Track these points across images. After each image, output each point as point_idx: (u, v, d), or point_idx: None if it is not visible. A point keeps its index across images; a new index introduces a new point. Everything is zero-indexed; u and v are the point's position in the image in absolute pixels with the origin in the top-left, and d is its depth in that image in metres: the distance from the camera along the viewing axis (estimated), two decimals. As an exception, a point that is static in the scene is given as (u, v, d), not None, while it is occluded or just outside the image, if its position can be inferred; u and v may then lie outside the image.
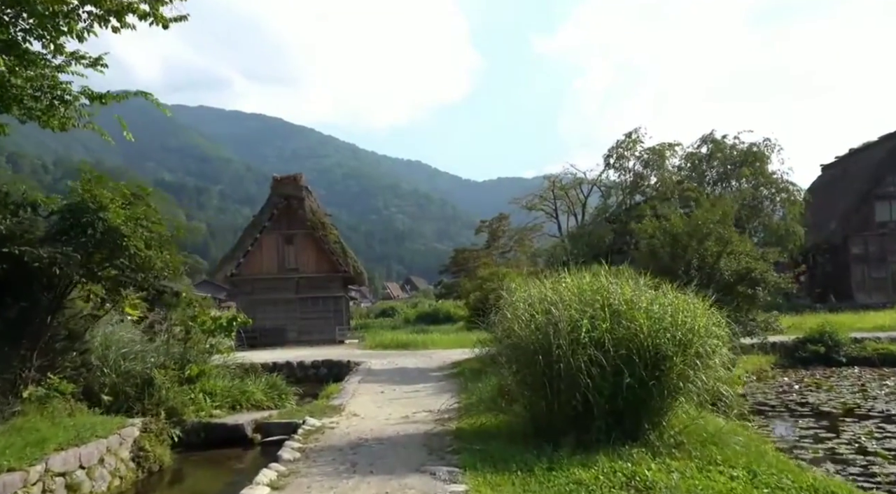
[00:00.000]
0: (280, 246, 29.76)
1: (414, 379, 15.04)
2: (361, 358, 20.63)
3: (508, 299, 8.66)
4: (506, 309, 8.55)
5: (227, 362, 12.24)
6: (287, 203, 29.38)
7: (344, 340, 29.85)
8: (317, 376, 20.07)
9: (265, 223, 29.38)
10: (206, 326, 11.49)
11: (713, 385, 7.02)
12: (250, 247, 29.19)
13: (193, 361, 10.87)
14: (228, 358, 11.99)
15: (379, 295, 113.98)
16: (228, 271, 28.97)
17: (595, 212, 38.11)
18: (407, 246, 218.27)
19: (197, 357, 11.02)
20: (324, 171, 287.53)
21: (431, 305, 58.42)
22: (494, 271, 17.05)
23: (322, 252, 29.55)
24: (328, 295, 29.87)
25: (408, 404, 11.20)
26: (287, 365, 20.06)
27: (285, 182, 29.53)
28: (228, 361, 12.34)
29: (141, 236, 7.70)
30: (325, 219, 30.31)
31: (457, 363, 17.79)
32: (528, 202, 42.93)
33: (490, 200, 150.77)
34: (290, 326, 29.48)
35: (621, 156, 36.25)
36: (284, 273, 29.69)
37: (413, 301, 73.70)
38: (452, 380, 14.42)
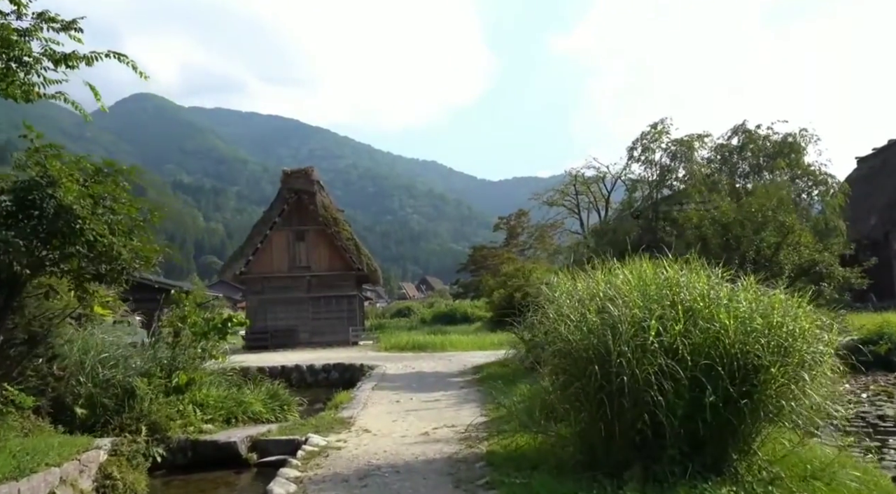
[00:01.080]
0: (291, 243, 28.47)
1: (433, 385, 13.60)
2: (375, 362, 19.25)
3: (550, 295, 7.16)
4: (547, 307, 7.04)
5: (225, 367, 10.85)
6: (298, 198, 28.08)
7: (358, 341, 28.51)
8: (327, 381, 18.72)
9: (275, 219, 28.10)
10: (197, 328, 10.14)
11: (821, 403, 5.49)
12: (260, 245, 27.93)
13: (182, 368, 9.51)
14: (224, 363, 10.61)
15: (395, 295, 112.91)
16: (237, 269, 27.74)
17: (619, 207, 36.47)
18: (422, 246, 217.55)
19: (187, 363, 9.67)
20: (339, 172, 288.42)
21: (448, 305, 57.03)
22: (520, 267, 15.53)
23: (335, 249, 28.23)
24: (341, 295, 28.54)
25: (427, 417, 9.76)
26: (296, 369, 18.75)
27: (296, 176, 28.23)
28: (227, 366, 10.96)
29: (102, 218, 6.31)
30: (338, 215, 28.99)
31: (479, 367, 16.36)
32: (548, 198, 41.40)
33: (506, 200, 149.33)
34: (302, 327, 28.19)
35: (647, 147, 34.58)
36: (295, 271, 28.40)
37: (429, 301, 72.32)
38: (476, 388, 12.97)
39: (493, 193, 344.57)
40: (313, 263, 28.55)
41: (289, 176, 28.39)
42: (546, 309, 7.13)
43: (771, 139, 33.92)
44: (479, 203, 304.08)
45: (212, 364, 10.31)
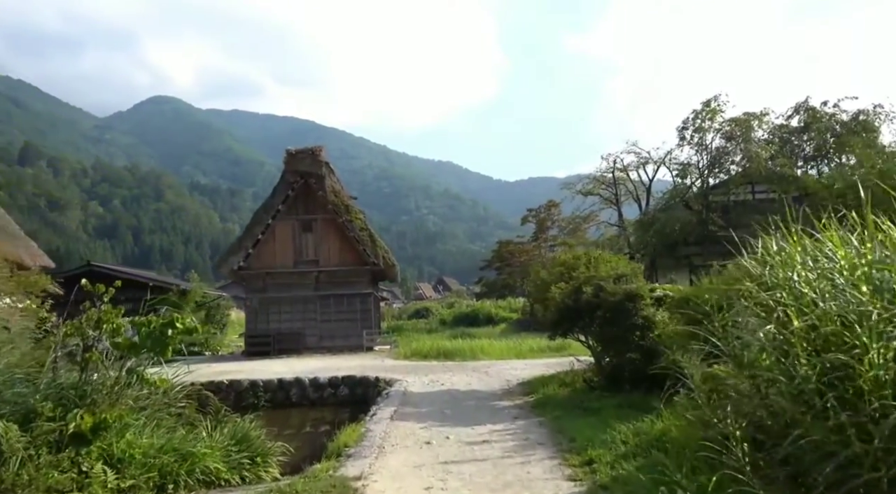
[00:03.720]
0: (296, 234, 24.91)
1: (473, 413, 9.95)
2: (395, 374, 15.63)
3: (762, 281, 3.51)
4: (750, 305, 3.39)
5: (171, 393, 7.27)
6: (304, 182, 24.50)
7: (373, 346, 24.92)
8: (335, 398, 15.14)
9: (278, 207, 24.53)
10: (120, 338, 6.56)
11: None
12: (261, 236, 24.38)
13: (92, 402, 5.94)
14: (166, 387, 6.98)
15: (411, 296, 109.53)
16: (235, 264, 24.19)
17: (666, 195, 32.63)
18: (438, 246, 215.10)
19: (101, 393, 6.09)
20: (355, 173, 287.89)
21: (470, 305, 53.28)
22: (581, 254, 11.82)
23: (346, 241, 24.65)
24: (354, 293, 24.94)
25: (479, 478, 6.13)
26: (296, 384, 15.18)
27: (301, 156, 24.65)
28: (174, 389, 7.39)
29: None
30: (350, 202, 25.39)
31: (528, 384, 12.67)
32: (583, 186, 37.60)
33: (522, 200, 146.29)
34: (309, 330, 24.61)
35: (699, 128, 30.73)
36: (302, 266, 24.83)
37: (448, 301, 68.68)
38: (535, 418, 9.30)
39: (509, 193, 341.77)
40: (322, 257, 24.97)
41: (293, 157, 24.80)
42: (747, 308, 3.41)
43: (837, 118, 29.89)
44: (495, 203, 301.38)
45: (144, 392, 6.71)
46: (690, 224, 30.00)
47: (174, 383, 7.31)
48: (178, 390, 7.38)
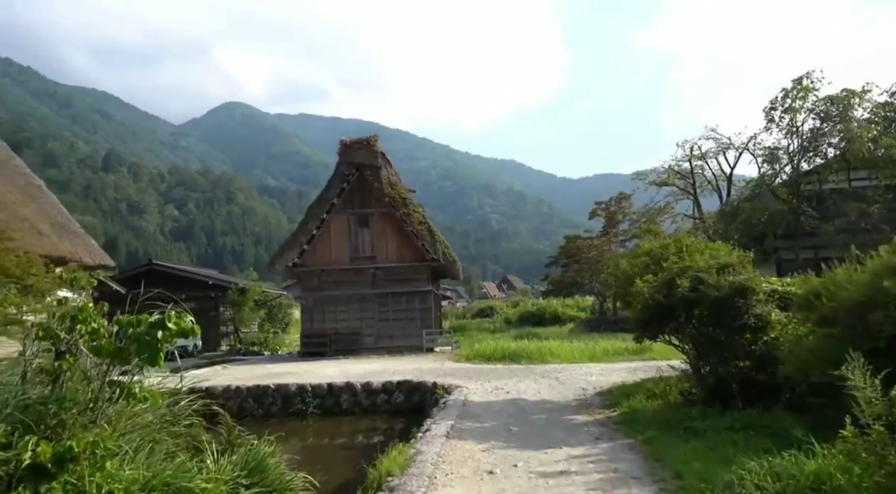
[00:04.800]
0: (352, 228, 23.77)
1: (545, 430, 8.30)
2: (454, 379, 14.12)
3: None
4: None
5: (175, 407, 5.97)
6: (359, 174, 23.32)
7: (433, 347, 23.50)
8: (389, 405, 13.77)
9: (333, 200, 23.45)
10: (102, 344, 5.26)
11: None
12: (315, 231, 23.36)
13: (58, 423, 4.65)
14: (159, 404, 5.64)
15: (475, 295, 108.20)
16: (289, 260, 23.27)
17: (752, 183, 29.76)
18: (503, 245, 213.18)
19: (71, 411, 4.79)
20: (419, 173, 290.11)
21: (535, 304, 51.37)
22: (670, 242, 9.94)
23: (404, 235, 23.33)
24: (413, 291, 23.59)
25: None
26: (347, 389, 13.89)
27: (356, 147, 23.46)
28: (178, 402, 6.09)
29: None
30: (408, 195, 24.05)
31: (608, 393, 10.90)
32: (656, 177, 35.03)
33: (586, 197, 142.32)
34: (366, 330, 23.42)
35: (789, 109, 27.76)
36: (358, 262, 23.67)
37: (513, 299, 66.80)
38: (622, 439, 7.57)
39: (573, 191, 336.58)
40: (379, 253, 23.74)
41: (348, 147, 23.63)
42: None
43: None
44: (559, 201, 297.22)
45: (137, 408, 5.39)
46: (779, 214, 27.20)
47: (178, 395, 5.96)
48: (185, 403, 6.03)
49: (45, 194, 25.19)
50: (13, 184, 23.15)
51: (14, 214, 21.39)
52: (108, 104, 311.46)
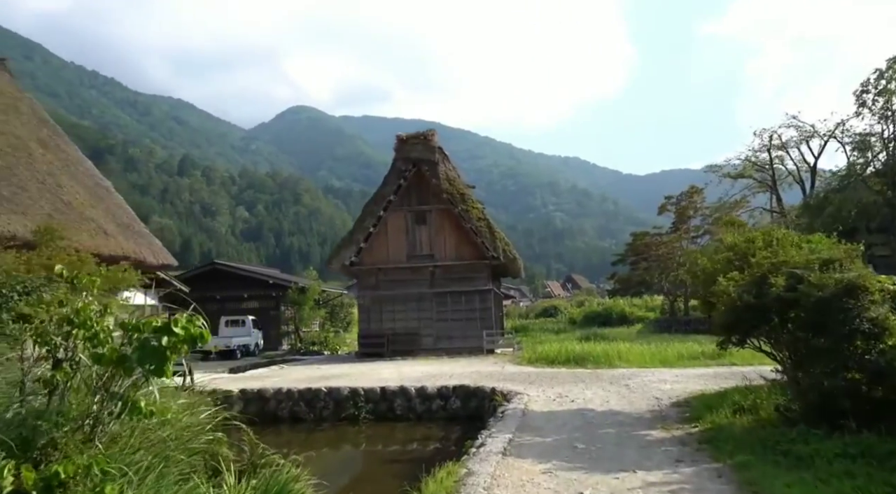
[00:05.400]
0: (409, 226, 23.15)
1: (615, 448, 7.29)
2: (514, 384, 13.21)
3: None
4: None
5: (195, 420, 5.31)
6: (416, 170, 22.67)
7: (494, 349, 22.61)
8: (445, 411, 12.98)
9: (390, 197, 22.90)
10: (105, 349, 4.64)
11: None
12: (372, 229, 22.87)
13: (48, 442, 4.03)
14: (177, 421, 4.99)
15: (539, 294, 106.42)
16: (346, 259, 22.88)
17: (840, 173, 27.37)
18: (567, 243, 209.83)
19: (63, 429, 4.16)
20: (481, 172, 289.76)
21: (601, 304, 49.65)
22: (758, 234, 8.72)
23: (463, 233, 22.53)
24: (472, 290, 22.75)
25: None
26: (401, 394, 13.19)
27: (413, 142, 22.82)
28: (197, 412, 5.43)
29: None
30: (467, 191, 23.22)
31: (685, 404, 9.76)
32: (732, 169, 32.91)
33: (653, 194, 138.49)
34: (425, 330, 22.75)
35: (883, 91, 25.32)
36: (415, 260, 23.02)
37: (578, 298, 65.02)
38: (708, 462, 6.48)
39: (639, 188, 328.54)
40: (437, 251, 23.03)
41: (404, 142, 23.01)
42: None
43: None
44: (625, 198, 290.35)
45: (137, 423, 4.74)
46: (872, 206, 24.89)
47: (196, 406, 5.32)
48: (204, 416, 5.39)
49: (113, 195, 25.72)
50: (82, 186, 23.68)
51: (81, 215, 21.82)
52: (183, 111, 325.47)
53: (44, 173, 22.30)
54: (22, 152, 22.19)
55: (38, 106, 27.47)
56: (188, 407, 5.97)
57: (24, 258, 10.65)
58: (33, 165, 22.17)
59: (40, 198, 20.68)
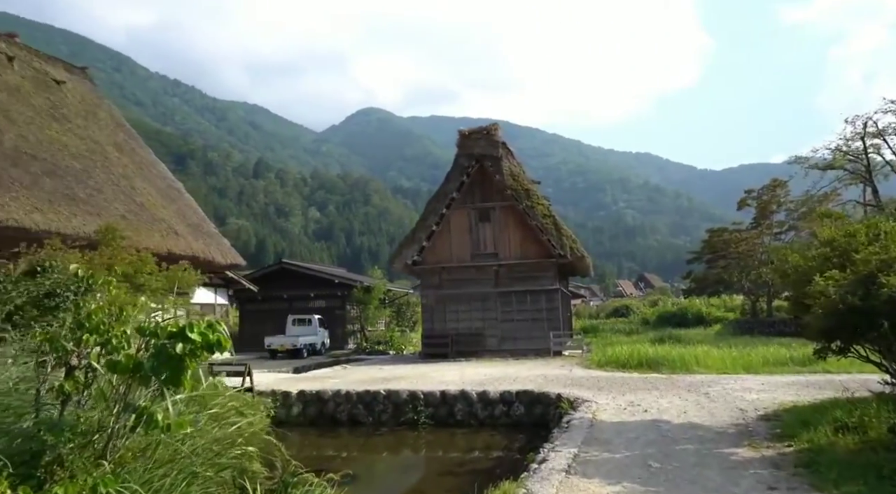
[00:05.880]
0: (473, 224, 22.57)
1: (695, 468, 6.45)
2: (582, 390, 12.40)
3: None
4: None
5: (226, 434, 4.89)
6: (479, 166, 22.06)
7: (561, 350, 21.73)
8: (508, 418, 12.32)
9: (453, 194, 22.38)
10: (120, 356, 4.25)
11: None
12: (435, 227, 22.43)
13: (54, 459, 3.67)
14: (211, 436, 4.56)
15: (610, 293, 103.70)
16: (409, 258, 22.54)
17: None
18: (638, 241, 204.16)
19: (72, 444, 3.79)
20: (549, 169, 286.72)
21: (676, 303, 47.55)
22: (856, 229, 7.61)
23: (528, 230, 21.76)
24: (538, 289, 21.94)
25: None
26: (462, 398, 12.62)
27: (475, 137, 22.21)
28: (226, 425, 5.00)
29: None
30: (532, 187, 22.42)
31: (775, 417, 8.74)
32: (820, 160, 30.57)
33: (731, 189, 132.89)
34: (489, 331, 22.12)
35: None
36: (479, 259, 22.42)
37: (650, 298, 62.70)
38: (809, 489, 5.57)
39: (715, 183, 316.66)
40: (501, 249, 22.35)
41: (466, 138, 22.44)
42: None
43: None
44: (699, 194, 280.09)
45: (155, 437, 4.33)
46: None
47: (223, 418, 4.91)
48: (233, 430, 4.96)
49: (183, 196, 26.41)
50: (155, 187, 24.39)
51: (153, 216, 22.43)
52: (258, 115, 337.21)
53: (119, 175, 23.09)
54: (99, 156, 23.04)
55: (116, 111, 28.62)
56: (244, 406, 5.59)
57: (86, 257, 10.76)
58: (109, 168, 22.98)
59: (115, 200, 21.36)
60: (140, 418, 4.01)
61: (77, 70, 27.09)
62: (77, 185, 19.78)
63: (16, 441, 3.80)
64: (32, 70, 23.39)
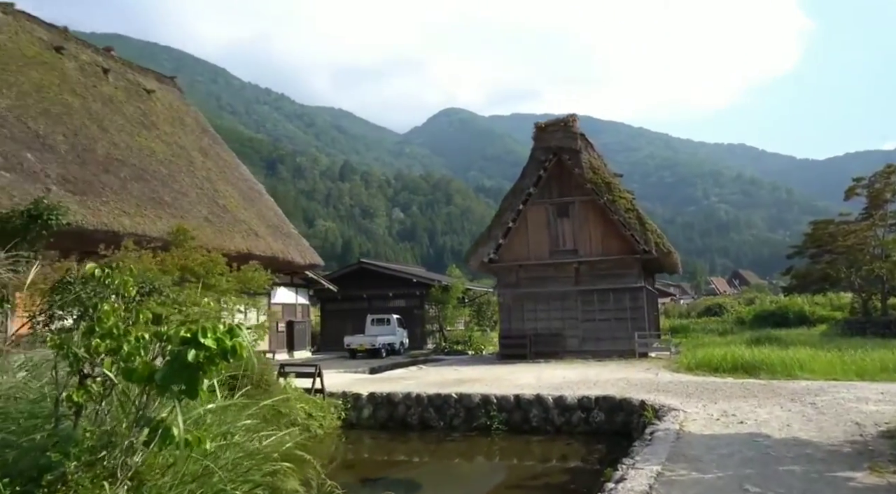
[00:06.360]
0: (551, 219, 21.67)
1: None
2: (669, 396, 11.40)
3: None
4: None
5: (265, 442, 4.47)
6: (557, 159, 21.16)
7: (647, 352, 20.50)
8: (587, 425, 11.51)
9: (529, 190, 21.59)
10: (132, 361, 3.87)
11: None
12: (511, 224, 21.71)
13: (58, 478, 3.34)
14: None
15: (702, 291, 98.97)
16: (485, 256, 21.92)
17: None
18: (732, 237, 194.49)
19: (76, 462, 3.44)
20: (636, 164, 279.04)
21: (774, 301, 44.44)
22: None
23: (610, 225, 20.66)
24: (622, 288, 20.79)
25: None
26: (537, 403, 11.92)
27: (552, 129, 21.30)
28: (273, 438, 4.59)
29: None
30: (613, 180, 21.27)
31: None
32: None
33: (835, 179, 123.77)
34: (569, 331, 21.16)
35: None
36: (558, 256, 21.51)
37: (746, 296, 59.13)
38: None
39: (817, 173, 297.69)
40: (581, 245, 21.35)
41: (543, 130, 21.57)
42: None
43: None
44: (799, 185, 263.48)
45: (174, 452, 3.94)
46: None
47: (253, 428, 4.50)
48: (269, 443, 4.54)
49: (264, 198, 27.00)
50: (237, 190, 25.03)
51: (235, 217, 22.98)
52: (343, 120, 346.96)
53: (203, 179, 23.82)
54: (184, 160, 23.87)
55: (201, 117, 29.68)
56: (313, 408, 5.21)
57: (159, 258, 10.89)
58: (194, 172, 23.75)
59: (198, 203, 22.02)
60: (154, 432, 3.64)
61: (166, 79, 28.29)
62: (163, 189, 20.48)
63: (26, 456, 3.52)
64: (125, 80, 24.55)
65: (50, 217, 8.57)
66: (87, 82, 21.93)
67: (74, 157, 17.90)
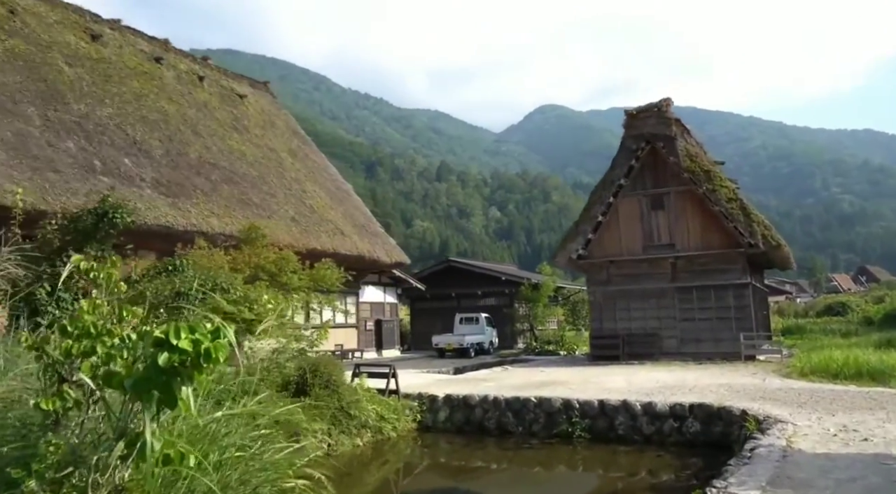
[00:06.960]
0: (644, 212, 20.26)
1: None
2: (776, 406, 10.07)
3: None
4: None
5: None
6: (650, 148, 19.73)
7: (755, 355, 18.68)
8: (680, 435, 10.39)
9: (620, 181, 20.28)
10: (119, 367, 3.45)
11: None
12: (601, 218, 20.49)
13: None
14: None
15: (822, 288, 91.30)
16: (574, 252, 20.82)
17: None
18: (858, 230, 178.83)
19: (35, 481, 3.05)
20: (746, 155, 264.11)
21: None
22: None
23: (710, 217, 19.01)
24: (724, 284, 19.06)
25: None
26: (624, 410, 10.92)
27: (644, 116, 19.86)
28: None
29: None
30: (713, 168, 19.56)
31: None
32: None
33: None
34: (666, 331, 19.69)
35: None
36: (653, 251, 20.07)
37: (874, 294, 53.71)
38: None
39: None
40: (678, 239, 19.80)
41: (634, 117, 20.17)
42: None
43: None
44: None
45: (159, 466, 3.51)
46: None
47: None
48: (283, 456, 4.06)
49: (351, 198, 27.26)
50: (325, 190, 25.38)
51: (322, 217, 23.26)
52: (439, 121, 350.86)
53: (291, 180, 24.32)
54: (273, 162, 24.47)
55: (292, 120, 30.44)
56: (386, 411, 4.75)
57: (230, 256, 10.93)
58: (283, 173, 24.30)
59: (286, 203, 22.46)
60: (131, 445, 3.22)
61: (259, 84, 29.22)
62: (252, 191, 20.99)
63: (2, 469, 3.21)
64: (219, 87, 25.52)
65: (115, 215, 8.70)
66: (183, 90, 22.94)
67: (168, 161, 18.65)
